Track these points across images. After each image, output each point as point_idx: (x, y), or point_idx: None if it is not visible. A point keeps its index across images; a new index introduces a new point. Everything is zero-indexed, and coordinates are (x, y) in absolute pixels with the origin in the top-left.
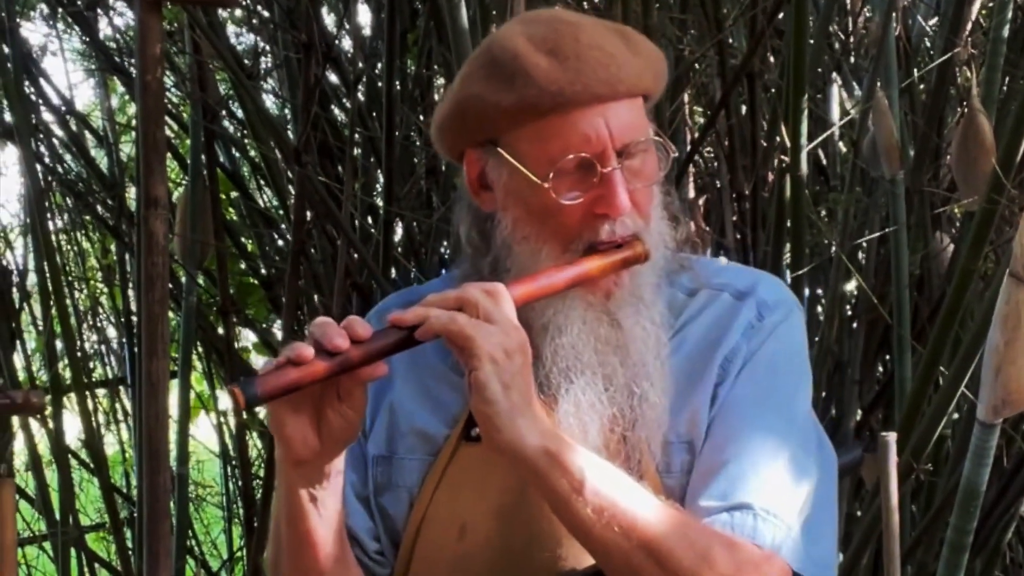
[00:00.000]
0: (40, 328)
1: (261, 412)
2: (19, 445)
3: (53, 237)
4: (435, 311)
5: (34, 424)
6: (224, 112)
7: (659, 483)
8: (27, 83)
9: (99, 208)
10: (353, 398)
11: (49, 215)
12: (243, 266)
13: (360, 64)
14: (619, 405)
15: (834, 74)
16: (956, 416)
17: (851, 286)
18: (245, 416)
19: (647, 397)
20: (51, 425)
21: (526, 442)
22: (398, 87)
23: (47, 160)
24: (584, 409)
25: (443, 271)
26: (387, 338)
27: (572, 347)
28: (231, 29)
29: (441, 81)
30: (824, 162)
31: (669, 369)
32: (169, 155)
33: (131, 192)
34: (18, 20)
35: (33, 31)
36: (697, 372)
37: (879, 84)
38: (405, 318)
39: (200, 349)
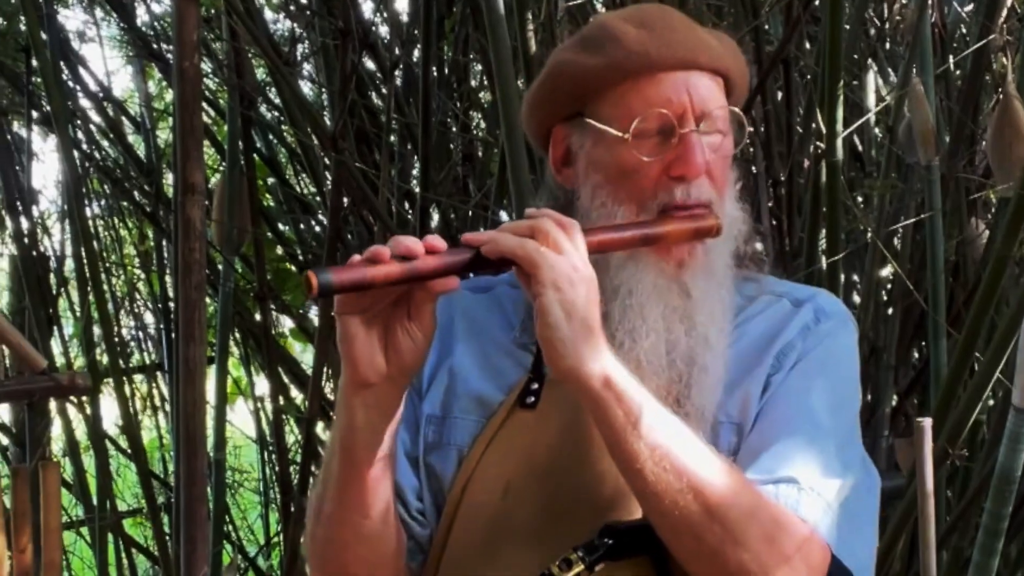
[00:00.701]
0: (78, 314)
1: (298, 398)
2: (57, 431)
3: (90, 223)
4: (507, 235)
5: (72, 410)
6: (261, 98)
7: None
8: (65, 70)
9: (136, 194)
10: (423, 317)
11: (86, 201)
12: (280, 252)
13: (397, 51)
14: (679, 371)
15: (870, 60)
16: (991, 402)
17: (887, 272)
18: (283, 401)
19: (706, 369)
20: (88, 411)
21: (586, 369)
22: (435, 73)
23: (84, 146)
24: (644, 370)
25: None
26: (459, 255)
27: (640, 308)
28: (268, 15)
29: (478, 67)
30: (860, 148)
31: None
32: (206, 141)
33: (168, 178)
34: (56, 7)
35: (71, 18)
36: (752, 361)
37: (915, 70)
38: (478, 238)
39: (237, 335)
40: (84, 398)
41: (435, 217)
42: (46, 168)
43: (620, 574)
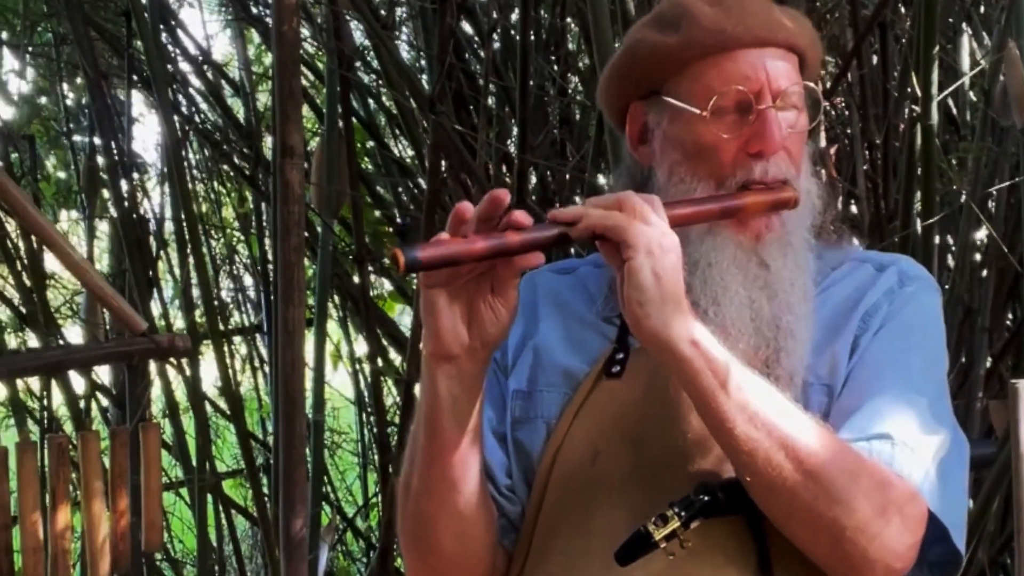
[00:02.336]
0: (177, 276)
1: (396, 359)
2: (156, 392)
3: (190, 186)
4: (594, 209)
5: (171, 371)
6: (359, 62)
7: None
8: (164, 33)
9: (235, 157)
10: (506, 291)
11: (186, 164)
12: (378, 214)
13: (495, 14)
14: (764, 337)
15: (965, 24)
16: None
17: (981, 234)
18: (381, 363)
19: (792, 332)
20: (188, 372)
21: (672, 331)
22: (532, 37)
23: (184, 109)
24: (731, 336)
25: None
26: (545, 231)
27: (721, 278)
28: None
29: (576, 31)
30: (955, 111)
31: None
32: (305, 105)
33: (267, 141)
34: None
35: None
36: (838, 323)
37: (1010, 34)
38: (564, 214)
39: (336, 297)
40: (184, 360)
41: (532, 180)
42: (146, 131)
43: (714, 532)
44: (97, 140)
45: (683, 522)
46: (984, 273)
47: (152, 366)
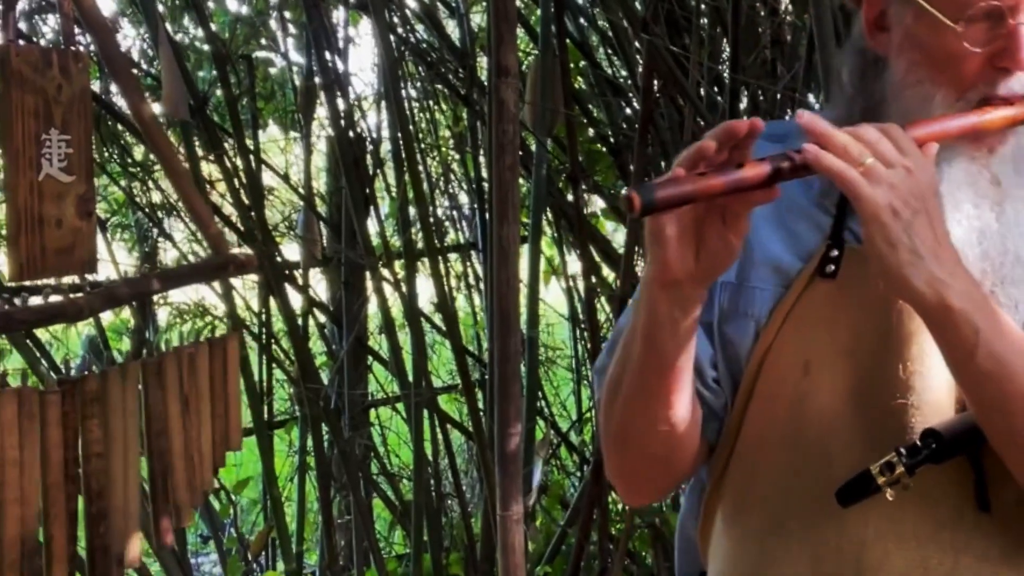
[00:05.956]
0: (394, 194)
1: (610, 276)
2: (373, 309)
3: (406, 105)
4: (830, 157)
5: (387, 288)
6: None
7: None
8: None
9: (450, 77)
10: (738, 221)
11: (402, 84)
12: (592, 134)
13: None
14: (991, 261)
15: None
16: None
17: None
18: (594, 280)
19: (1020, 256)
20: (404, 289)
21: (915, 295)
22: None
23: (400, 31)
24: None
25: None
26: (782, 162)
27: (951, 196)
28: None
29: None
30: None
31: None
32: (519, 25)
33: (482, 61)
34: None
35: None
36: None
37: None
38: (818, 128)
39: (550, 215)
40: (399, 276)
41: (744, 100)
42: (363, 52)
43: (937, 477)
44: (313, 60)
45: (908, 468)
46: None
47: (368, 283)
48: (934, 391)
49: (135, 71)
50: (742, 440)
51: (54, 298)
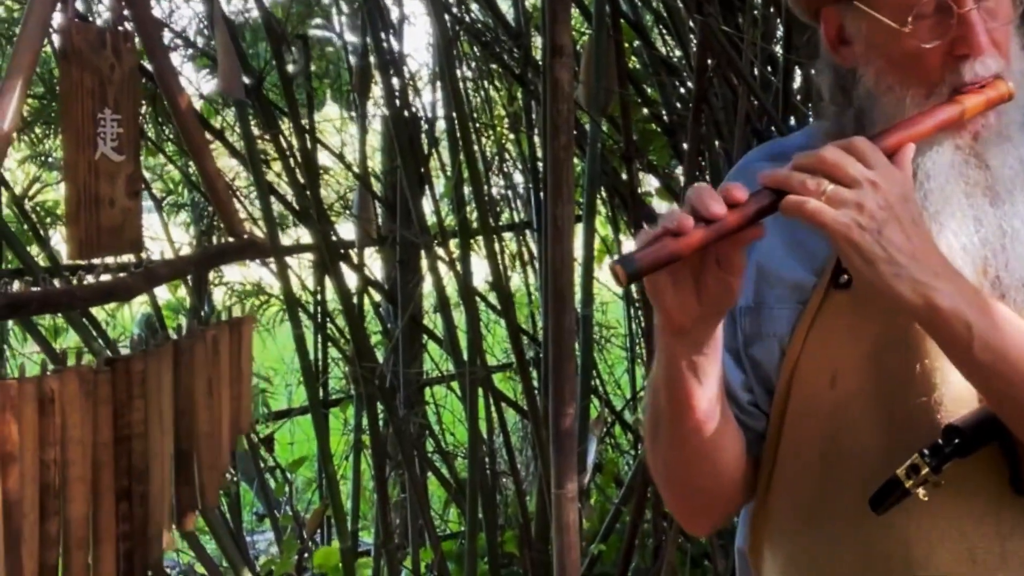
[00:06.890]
0: (448, 174)
1: None
2: (428, 288)
3: (460, 85)
4: (790, 198)
5: (442, 267)
6: None
7: None
8: None
9: (505, 57)
10: (731, 262)
11: (457, 63)
12: (646, 113)
13: None
14: (991, 246)
15: None
16: None
17: None
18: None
19: (1019, 236)
20: (459, 268)
21: (902, 302)
22: None
23: (455, 10)
24: (956, 253)
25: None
26: (762, 200)
27: (941, 191)
28: None
29: None
30: None
31: None
32: (573, 5)
33: (536, 41)
34: None
35: None
36: None
37: None
38: (775, 178)
39: (604, 194)
40: (454, 255)
41: (797, 79)
42: (418, 31)
43: (970, 469)
44: (368, 39)
45: (933, 468)
46: None
47: (423, 262)
48: (955, 385)
49: (191, 50)
50: (781, 456)
51: (104, 277)
